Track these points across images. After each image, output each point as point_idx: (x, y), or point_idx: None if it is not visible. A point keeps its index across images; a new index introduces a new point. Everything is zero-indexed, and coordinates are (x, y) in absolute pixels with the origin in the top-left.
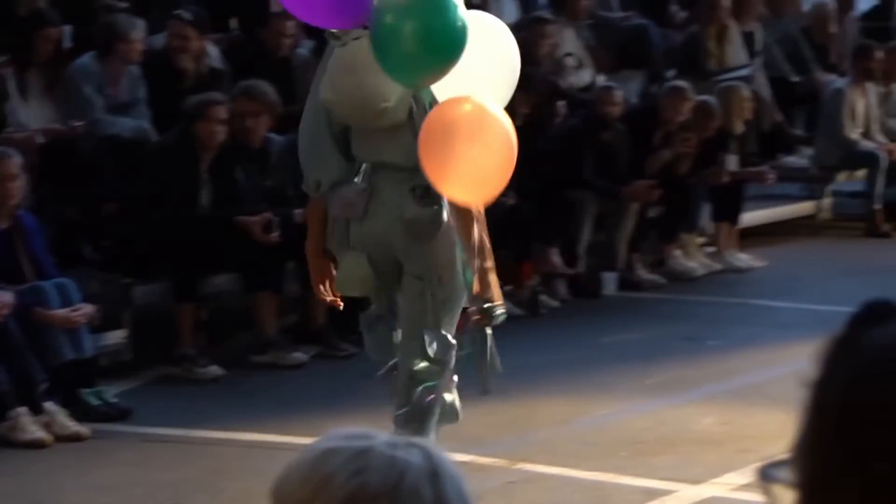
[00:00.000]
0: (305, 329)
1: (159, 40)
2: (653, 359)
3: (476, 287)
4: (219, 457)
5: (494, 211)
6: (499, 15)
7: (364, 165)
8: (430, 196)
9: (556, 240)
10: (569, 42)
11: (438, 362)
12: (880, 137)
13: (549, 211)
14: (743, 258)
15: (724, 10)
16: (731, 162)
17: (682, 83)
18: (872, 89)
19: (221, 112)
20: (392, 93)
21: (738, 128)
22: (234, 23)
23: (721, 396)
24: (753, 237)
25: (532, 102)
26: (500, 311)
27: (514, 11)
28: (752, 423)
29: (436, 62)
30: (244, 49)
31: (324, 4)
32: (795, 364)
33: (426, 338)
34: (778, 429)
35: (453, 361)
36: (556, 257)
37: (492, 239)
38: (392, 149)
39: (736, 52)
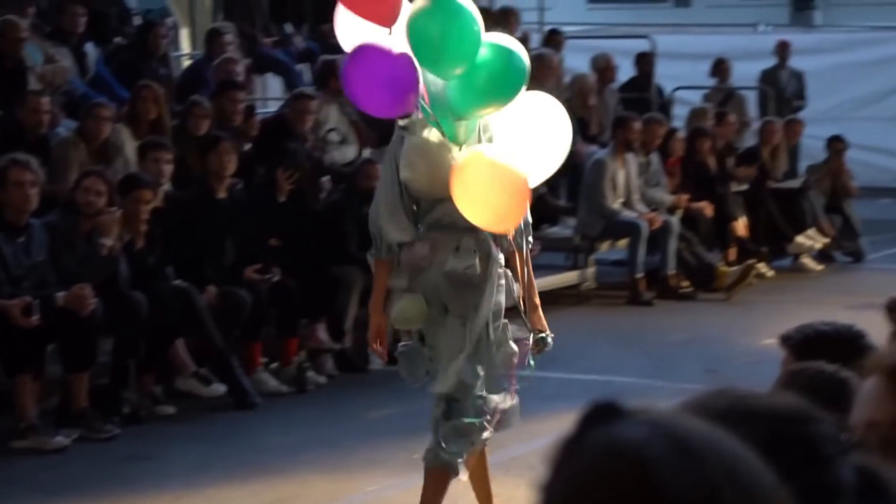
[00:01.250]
0: (67, 411)
1: None
2: (420, 433)
3: (532, 321)
4: None
5: (259, 288)
6: (263, 91)
7: (427, 226)
8: (468, 254)
9: (322, 315)
10: (332, 117)
11: (468, 387)
12: (641, 207)
13: (314, 286)
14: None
15: None
16: None
17: None
18: (632, 159)
19: None
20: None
21: None
22: None
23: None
24: None
25: (296, 178)
26: (550, 339)
27: (278, 87)
28: (517, 495)
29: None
30: (2, 127)
31: (383, 101)
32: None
33: (461, 367)
34: None
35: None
36: (322, 333)
37: (258, 315)
38: (452, 213)
39: None
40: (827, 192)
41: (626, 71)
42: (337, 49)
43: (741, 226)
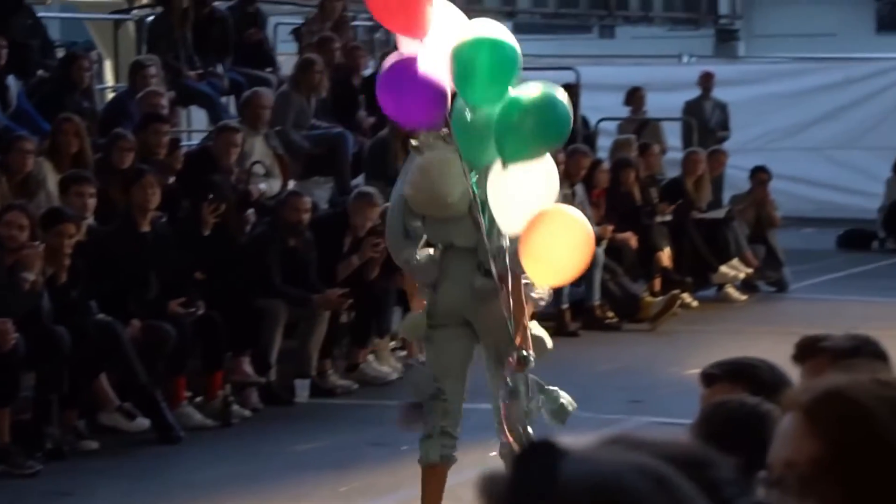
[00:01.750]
0: None
1: None
2: (347, 466)
3: (518, 339)
4: None
5: (183, 321)
6: (188, 124)
7: (438, 246)
8: (489, 273)
9: (247, 348)
10: (257, 150)
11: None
12: None
13: (239, 319)
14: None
15: None
16: None
17: (369, 189)
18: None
19: None
20: (455, 191)
21: None
22: None
23: (415, 502)
24: None
25: (220, 211)
26: (532, 358)
27: (203, 120)
28: None
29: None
30: None
31: (415, 113)
32: (486, 467)
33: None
34: None
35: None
36: (247, 366)
37: (183, 349)
38: (459, 233)
39: None
40: (751, 223)
41: None
42: (261, 81)
43: (665, 256)
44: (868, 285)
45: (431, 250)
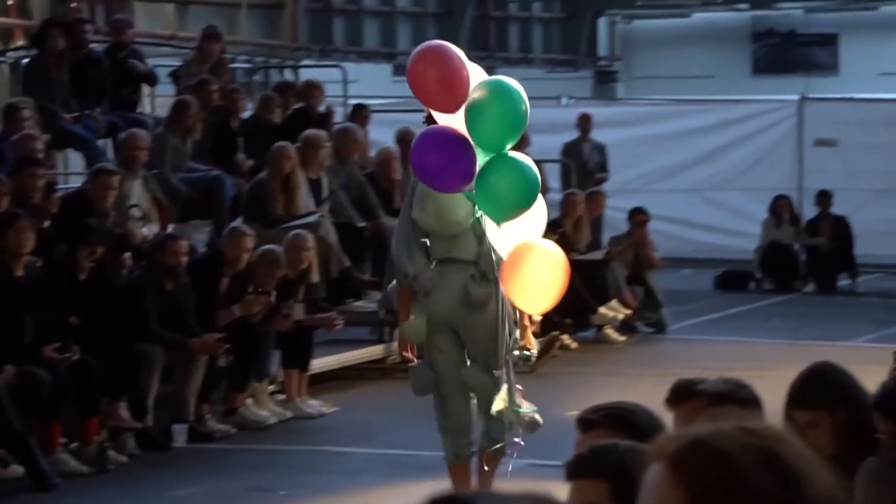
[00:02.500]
0: None
1: None
2: None
3: (524, 341)
4: None
5: (58, 366)
6: (64, 167)
7: (435, 260)
8: (485, 280)
9: (123, 393)
10: (135, 193)
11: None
12: None
13: (115, 364)
14: (314, 405)
15: (291, 159)
16: (299, 309)
17: (240, 224)
18: None
19: None
20: (460, 212)
21: (313, 276)
22: None
23: None
24: (324, 383)
25: (97, 255)
26: (533, 356)
27: (79, 163)
28: None
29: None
30: None
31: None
32: None
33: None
34: None
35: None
36: (123, 411)
37: (58, 394)
38: (458, 248)
39: (303, 199)
40: (629, 264)
41: None
42: (138, 123)
43: None
44: (745, 326)
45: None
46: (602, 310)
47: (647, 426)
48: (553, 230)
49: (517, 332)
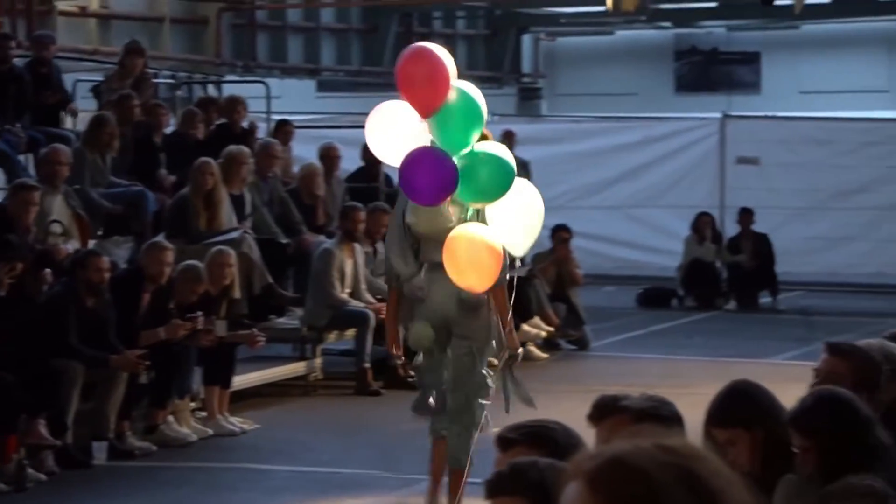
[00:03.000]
0: None
1: None
2: None
3: (509, 342)
4: None
5: None
6: None
7: (426, 264)
8: None
9: (42, 410)
10: (56, 209)
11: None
12: (368, 297)
13: (34, 381)
14: (235, 422)
15: (213, 175)
16: (220, 326)
17: (159, 239)
18: (359, 249)
19: None
20: (451, 218)
21: (235, 292)
22: None
23: None
24: (246, 399)
25: (17, 271)
26: (519, 355)
27: (0, 178)
28: None
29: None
30: None
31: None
32: None
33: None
34: None
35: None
36: (42, 428)
37: None
38: None
39: (225, 215)
40: (552, 281)
41: (356, 160)
42: (60, 139)
43: None
44: (668, 343)
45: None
46: (525, 327)
47: (566, 444)
48: None
49: (503, 333)
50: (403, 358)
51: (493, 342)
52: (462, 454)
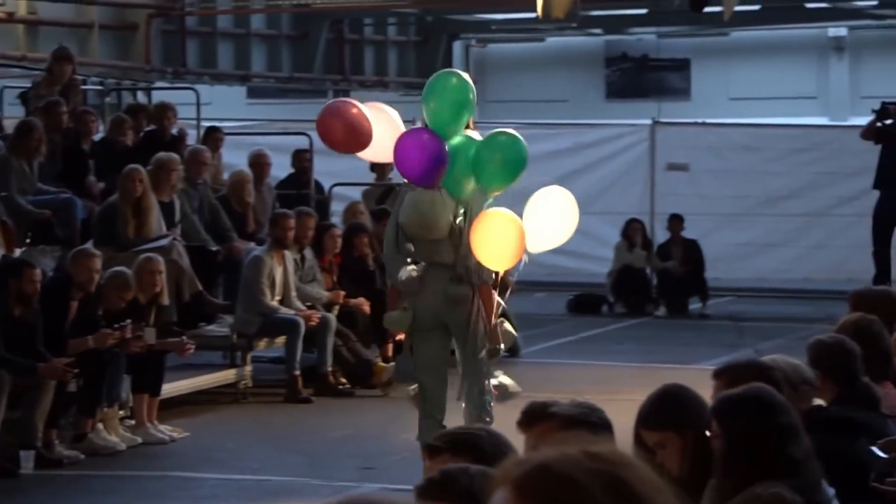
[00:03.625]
0: None
1: None
2: None
3: (492, 338)
4: None
5: None
6: None
7: (421, 263)
8: (462, 281)
9: None
10: None
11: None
12: (298, 304)
13: None
14: (164, 430)
15: (142, 181)
16: (150, 333)
17: (86, 246)
18: (289, 256)
19: None
20: (441, 220)
21: (164, 299)
22: None
23: None
24: (175, 407)
25: None
26: (501, 349)
27: None
28: None
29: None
30: None
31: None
32: None
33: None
34: None
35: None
36: None
37: None
38: (440, 253)
39: (155, 222)
40: None
41: (285, 167)
42: None
43: None
44: (598, 349)
45: (413, 268)
46: None
47: (493, 451)
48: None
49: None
50: (403, 338)
51: (478, 337)
52: None
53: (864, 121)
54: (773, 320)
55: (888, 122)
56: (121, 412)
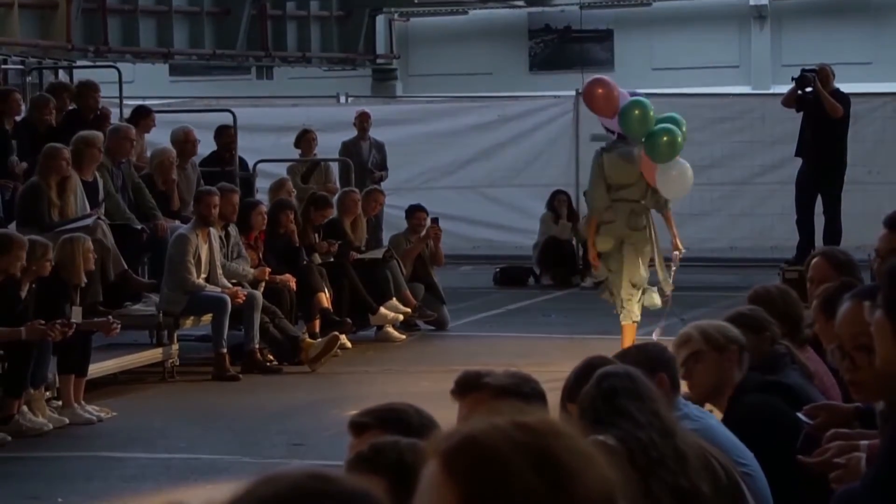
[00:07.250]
0: None
1: None
2: None
3: (674, 247)
4: None
5: None
6: None
7: (614, 202)
8: (642, 214)
9: None
10: None
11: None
12: (224, 281)
13: None
14: (91, 410)
15: (65, 161)
16: (76, 313)
17: (7, 231)
18: (214, 234)
19: None
20: (636, 166)
21: (81, 279)
22: None
23: None
24: (102, 387)
25: None
26: (676, 257)
27: None
28: None
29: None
30: None
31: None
32: None
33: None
34: None
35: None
36: None
37: None
38: (632, 192)
39: (78, 201)
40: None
41: (209, 144)
42: None
43: (324, 298)
44: (525, 321)
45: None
46: (382, 310)
47: (418, 426)
48: (333, 230)
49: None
50: (597, 263)
51: (653, 248)
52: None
53: (785, 89)
54: (697, 289)
55: (808, 89)
56: (47, 393)
